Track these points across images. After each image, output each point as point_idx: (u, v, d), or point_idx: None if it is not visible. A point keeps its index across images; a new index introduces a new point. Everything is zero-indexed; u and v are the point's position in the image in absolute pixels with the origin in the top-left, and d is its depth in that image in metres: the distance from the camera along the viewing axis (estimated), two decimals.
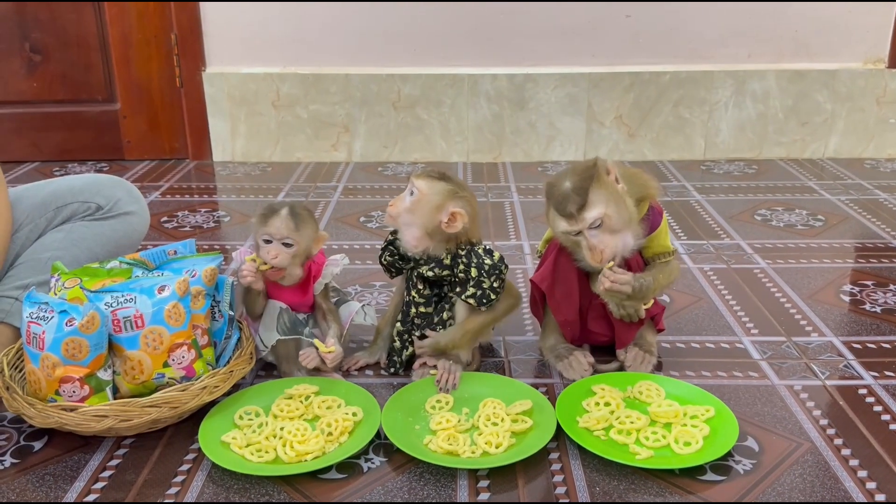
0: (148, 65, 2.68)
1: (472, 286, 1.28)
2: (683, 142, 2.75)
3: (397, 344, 1.36)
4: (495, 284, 1.28)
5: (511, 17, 2.62)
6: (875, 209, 2.22)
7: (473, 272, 1.27)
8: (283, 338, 1.31)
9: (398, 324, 1.37)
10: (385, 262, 1.37)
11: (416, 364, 1.35)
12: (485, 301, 1.28)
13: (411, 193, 1.26)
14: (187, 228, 2.12)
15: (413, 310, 1.35)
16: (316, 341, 1.30)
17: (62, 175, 2.52)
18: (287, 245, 1.27)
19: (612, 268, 1.24)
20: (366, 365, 1.39)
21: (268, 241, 1.27)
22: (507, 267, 1.29)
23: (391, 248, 1.35)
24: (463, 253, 1.28)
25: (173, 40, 2.65)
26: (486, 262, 1.27)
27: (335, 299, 1.39)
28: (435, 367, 1.32)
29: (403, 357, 1.36)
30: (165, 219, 2.20)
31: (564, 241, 1.27)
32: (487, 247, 1.30)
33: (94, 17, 2.63)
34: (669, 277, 1.32)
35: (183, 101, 2.72)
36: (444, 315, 1.34)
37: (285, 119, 2.72)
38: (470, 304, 1.29)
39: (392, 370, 1.37)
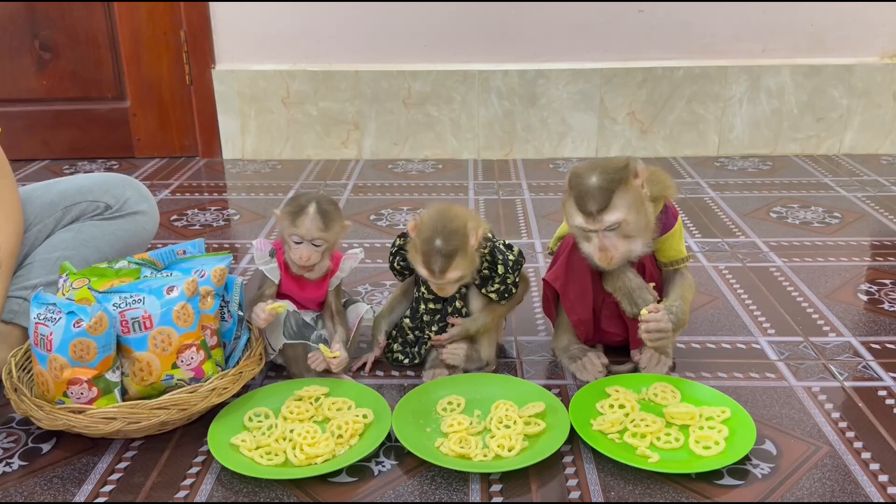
0: (158, 62, 2.68)
1: (498, 282, 1.29)
2: (697, 138, 2.72)
3: (410, 337, 1.36)
4: (517, 279, 1.31)
5: (522, 12, 2.60)
6: (892, 206, 2.19)
7: (500, 269, 1.29)
8: (291, 342, 1.30)
9: (406, 319, 1.36)
10: (397, 268, 1.36)
11: (430, 360, 1.34)
12: (507, 295, 1.31)
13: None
14: (197, 227, 2.11)
15: (422, 306, 1.34)
16: (321, 346, 1.28)
17: (72, 173, 2.52)
18: (317, 245, 1.26)
19: (647, 314, 1.22)
20: (373, 364, 1.37)
21: (298, 242, 1.26)
22: (524, 259, 1.32)
23: (402, 252, 1.33)
24: (486, 251, 1.28)
25: (183, 37, 2.64)
26: (509, 258, 1.29)
27: (343, 300, 1.38)
28: (445, 367, 1.32)
29: (421, 350, 1.36)
30: (175, 217, 2.19)
31: (576, 233, 1.24)
32: (504, 241, 1.31)
33: (104, 15, 2.63)
34: (692, 292, 1.30)
35: (193, 98, 2.71)
36: (450, 309, 1.33)
37: (295, 116, 2.71)
38: (492, 298, 1.31)
39: (407, 360, 1.36)
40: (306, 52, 2.67)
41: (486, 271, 1.29)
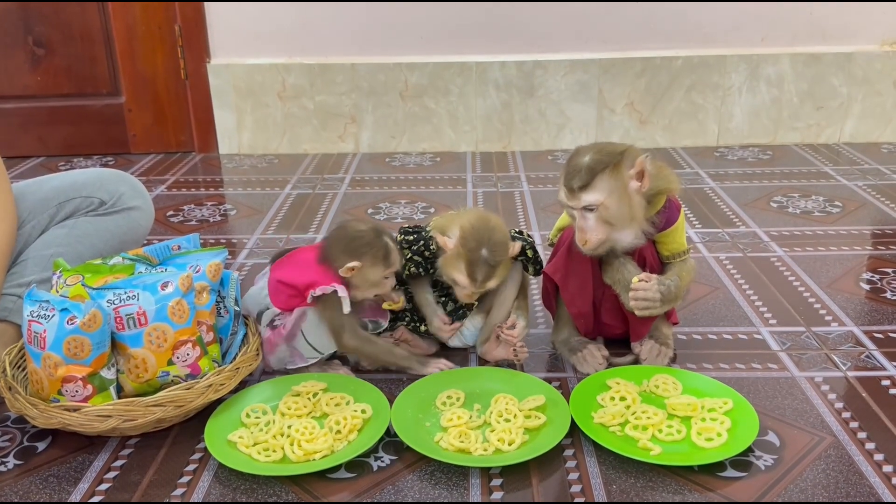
0: (152, 57, 2.65)
1: (532, 263, 1.34)
2: (696, 128, 2.70)
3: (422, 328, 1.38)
4: (538, 253, 1.36)
5: (519, 2, 2.58)
6: (893, 194, 2.17)
7: (529, 253, 1.33)
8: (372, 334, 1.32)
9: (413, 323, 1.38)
10: (411, 272, 1.33)
11: (488, 346, 1.36)
12: (539, 269, 1.36)
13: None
14: (193, 222, 2.10)
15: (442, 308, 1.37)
16: (385, 305, 1.31)
17: (68, 170, 2.50)
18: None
19: (637, 281, 1.22)
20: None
21: (388, 277, 1.28)
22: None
23: (416, 258, 1.32)
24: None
25: (177, 32, 2.62)
26: (528, 239, 1.34)
27: None
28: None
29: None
30: (171, 213, 2.17)
31: (565, 209, 1.24)
32: (512, 230, 1.34)
33: (98, 10, 2.60)
34: (691, 274, 1.29)
35: (188, 93, 2.69)
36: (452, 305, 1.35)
37: (292, 110, 2.69)
38: (530, 275, 1.37)
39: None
40: (302, 46, 2.65)
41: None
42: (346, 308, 1.24)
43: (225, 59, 2.67)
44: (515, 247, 1.28)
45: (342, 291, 1.24)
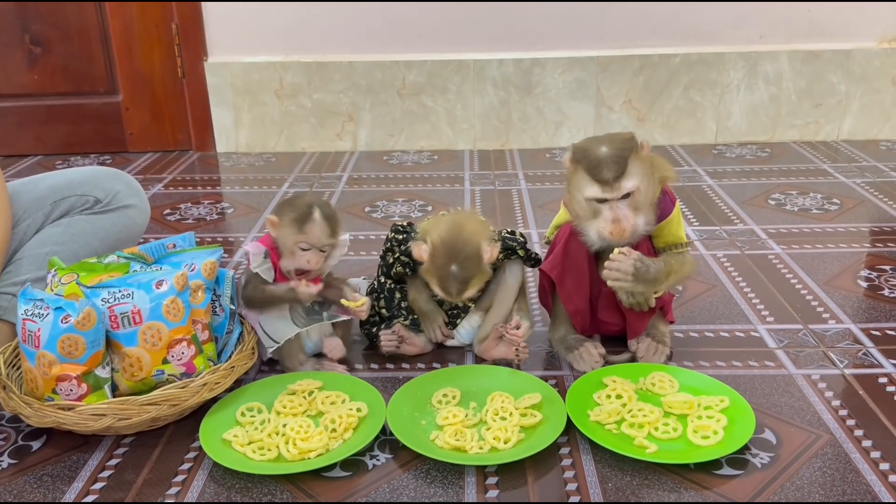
0: (149, 55, 2.65)
1: (525, 260, 1.34)
2: (695, 126, 2.70)
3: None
4: (530, 250, 1.35)
5: (517, 1, 2.57)
6: (892, 192, 2.17)
7: (521, 252, 1.32)
8: (305, 328, 1.29)
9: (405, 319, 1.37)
10: (399, 271, 1.33)
11: (487, 344, 1.34)
12: (534, 263, 1.36)
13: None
14: (190, 221, 2.09)
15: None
16: (344, 301, 1.28)
17: (64, 168, 2.50)
18: (324, 251, 1.25)
19: (617, 253, 1.20)
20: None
21: (305, 249, 1.24)
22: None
23: (404, 258, 1.31)
24: (501, 256, 1.30)
25: (174, 30, 2.61)
26: (519, 240, 1.32)
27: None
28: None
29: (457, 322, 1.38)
30: (168, 211, 2.17)
31: (584, 211, 1.22)
32: (505, 229, 1.33)
33: (95, 9, 2.60)
34: (684, 267, 1.27)
35: (185, 91, 2.69)
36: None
37: (289, 108, 2.69)
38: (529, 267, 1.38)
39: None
40: (299, 43, 2.64)
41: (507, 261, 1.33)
42: (253, 264, 1.25)
43: (222, 58, 2.66)
44: (493, 251, 1.24)
45: (253, 248, 1.25)
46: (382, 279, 1.37)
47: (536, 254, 1.36)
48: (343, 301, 1.28)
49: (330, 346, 1.31)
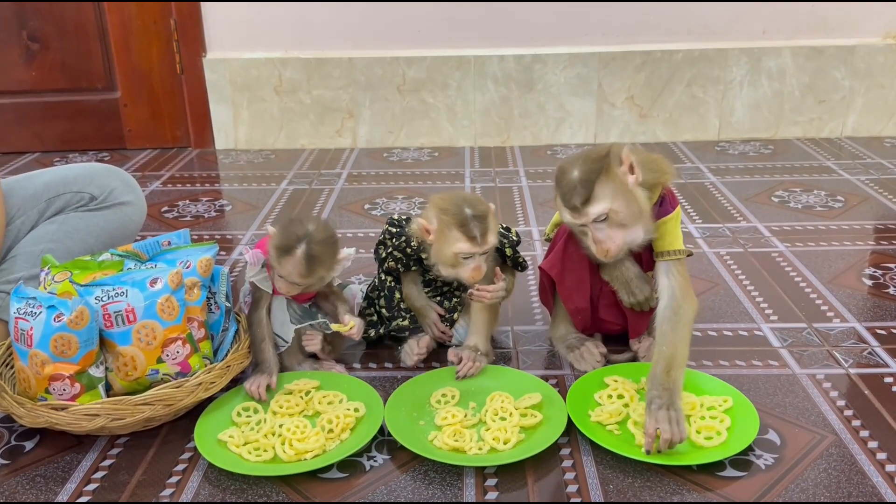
0: (148, 52, 2.63)
1: (512, 260, 1.32)
2: (697, 122, 2.68)
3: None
4: (520, 253, 1.33)
5: None
6: None
7: (508, 251, 1.30)
8: (300, 326, 1.27)
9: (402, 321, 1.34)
10: (392, 265, 1.31)
11: (451, 354, 1.30)
12: (520, 268, 1.34)
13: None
14: (189, 218, 2.08)
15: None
16: (334, 326, 1.26)
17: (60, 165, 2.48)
18: (297, 285, 1.22)
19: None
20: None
21: (280, 275, 1.21)
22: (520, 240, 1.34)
23: (396, 253, 1.29)
24: None
25: (173, 26, 2.59)
26: (512, 238, 1.31)
27: (336, 283, 1.34)
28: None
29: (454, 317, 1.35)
30: (166, 208, 2.15)
31: (573, 229, 1.20)
32: (501, 224, 1.30)
33: (93, 5, 2.58)
34: (679, 347, 1.14)
35: (184, 88, 2.67)
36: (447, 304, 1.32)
37: (288, 105, 2.67)
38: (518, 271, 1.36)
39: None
40: (298, 39, 2.62)
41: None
42: (250, 273, 1.24)
43: (221, 54, 2.64)
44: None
45: (252, 257, 1.23)
46: (383, 276, 1.35)
47: (524, 259, 1.33)
48: (333, 326, 1.26)
49: (307, 338, 1.28)
